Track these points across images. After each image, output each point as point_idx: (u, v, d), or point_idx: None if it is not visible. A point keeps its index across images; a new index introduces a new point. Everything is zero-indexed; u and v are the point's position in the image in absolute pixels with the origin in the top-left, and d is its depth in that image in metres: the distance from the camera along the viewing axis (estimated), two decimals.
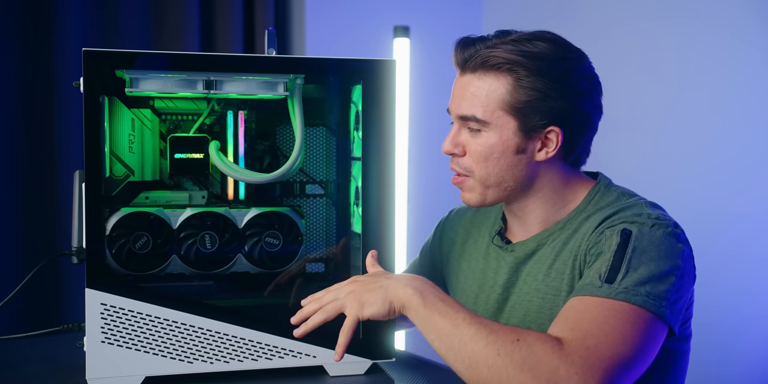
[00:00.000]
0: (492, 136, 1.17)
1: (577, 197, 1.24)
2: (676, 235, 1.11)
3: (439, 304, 1.03)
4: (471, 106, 1.17)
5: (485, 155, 1.18)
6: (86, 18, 2.24)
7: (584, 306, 1.03)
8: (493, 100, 1.16)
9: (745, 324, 1.92)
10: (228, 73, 1.20)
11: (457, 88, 1.21)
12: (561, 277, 1.19)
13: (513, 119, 1.16)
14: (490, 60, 1.15)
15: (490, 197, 1.22)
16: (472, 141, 1.19)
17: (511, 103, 1.15)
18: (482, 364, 0.97)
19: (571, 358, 0.95)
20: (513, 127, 1.17)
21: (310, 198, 1.39)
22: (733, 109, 1.96)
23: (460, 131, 1.21)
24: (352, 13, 2.58)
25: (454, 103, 1.21)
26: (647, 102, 2.17)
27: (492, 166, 1.19)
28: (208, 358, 1.16)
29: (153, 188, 1.30)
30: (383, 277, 1.10)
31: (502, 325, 1.00)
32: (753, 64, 1.91)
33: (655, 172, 2.13)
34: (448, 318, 1.01)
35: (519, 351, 0.96)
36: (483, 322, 1.00)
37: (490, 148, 1.18)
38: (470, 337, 0.98)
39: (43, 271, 1.38)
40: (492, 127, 1.17)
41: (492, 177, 1.19)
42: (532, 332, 0.99)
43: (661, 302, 1.03)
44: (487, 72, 1.16)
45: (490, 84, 1.16)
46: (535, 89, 1.14)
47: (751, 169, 1.92)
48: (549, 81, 1.14)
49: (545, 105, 1.15)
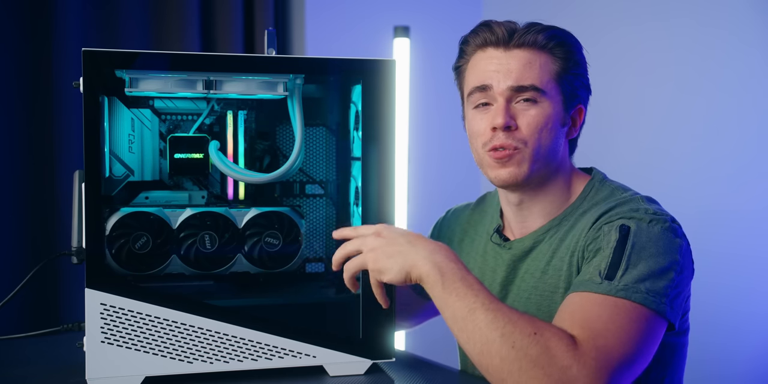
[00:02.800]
0: (547, 107, 1.19)
1: (574, 192, 1.25)
2: (674, 229, 1.11)
3: (457, 284, 1.01)
4: (528, 76, 1.18)
5: (542, 125, 1.19)
6: (86, 18, 2.24)
7: (588, 303, 1.03)
8: (545, 71, 1.19)
9: (745, 322, 1.92)
10: (228, 73, 1.20)
11: (500, 63, 1.20)
12: (558, 274, 1.19)
13: (560, 91, 1.21)
14: (538, 38, 1.19)
15: (535, 172, 1.21)
16: (525, 112, 1.19)
17: (561, 74, 1.20)
18: (495, 354, 0.96)
19: (584, 359, 0.95)
20: (560, 100, 1.21)
21: (310, 198, 1.39)
22: (733, 108, 1.96)
23: (508, 105, 1.19)
24: (352, 13, 2.58)
25: (505, 76, 1.19)
26: (647, 101, 2.17)
27: (545, 137, 1.19)
28: (208, 358, 1.15)
29: (153, 188, 1.30)
30: (406, 239, 1.06)
31: (520, 315, 0.98)
32: (752, 63, 1.91)
33: (655, 170, 2.13)
34: (465, 301, 0.99)
35: (535, 346, 0.95)
36: (501, 310, 0.98)
37: (547, 117, 1.19)
38: (486, 325, 0.97)
39: (43, 271, 1.38)
40: (547, 97, 1.19)
41: (543, 149, 1.20)
42: (549, 327, 0.98)
43: (661, 299, 1.03)
44: (536, 48, 1.20)
45: (539, 58, 1.20)
46: (575, 62, 1.22)
47: (751, 167, 1.92)
48: (581, 59, 1.23)
49: (579, 80, 1.23)
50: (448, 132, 2.68)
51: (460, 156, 2.65)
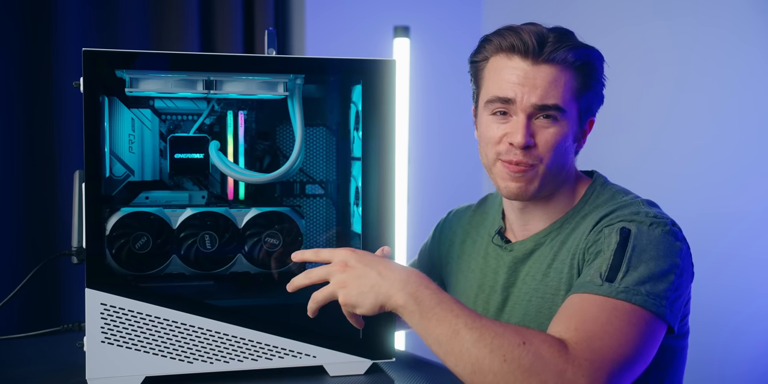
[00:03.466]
0: (565, 125, 1.19)
1: (576, 195, 1.25)
2: (674, 233, 1.11)
3: (436, 309, 0.98)
4: (555, 95, 1.17)
5: (559, 144, 1.19)
6: (86, 18, 2.24)
7: (586, 304, 1.02)
8: (568, 89, 1.18)
9: (745, 323, 1.92)
10: (228, 73, 1.20)
11: (527, 76, 1.17)
12: (560, 276, 1.19)
13: (577, 108, 1.20)
14: (568, 57, 1.17)
15: (545, 188, 1.21)
16: (545, 130, 1.18)
17: (580, 91, 1.19)
18: (487, 370, 0.94)
19: (577, 361, 0.94)
20: (576, 116, 1.20)
21: (310, 198, 1.39)
22: (733, 108, 1.96)
23: (528, 122, 1.17)
24: (352, 13, 2.58)
25: (531, 92, 1.16)
26: (647, 101, 2.17)
27: (559, 154, 1.19)
28: (208, 358, 1.15)
29: (153, 188, 1.30)
30: (376, 270, 1.02)
31: (505, 327, 0.97)
32: (753, 63, 1.91)
33: (656, 171, 2.13)
34: (447, 324, 0.97)
35: (526, 355, 0.94)
36: (485, 326, 0.96)
37: (564, 136, 1.19)
38: (473, 344, 0.95)
39: (43, 271, 1.38)
40: (567, 116, 1.18)
41: (555, 166, 1.20)
42: (537, 334, 0.97)
43: (660, 301, 1.03)
44: (564, 66, 1.17)
45: (566, 75, 1.17)
46: (596, 80, 1.21)
47: (751, 168, 1.92)
48: (601, 75, 1.22)
49: (595, 96, 1.22)
50: (448, 132, 2.69)
51: (461, 156, 2.66)
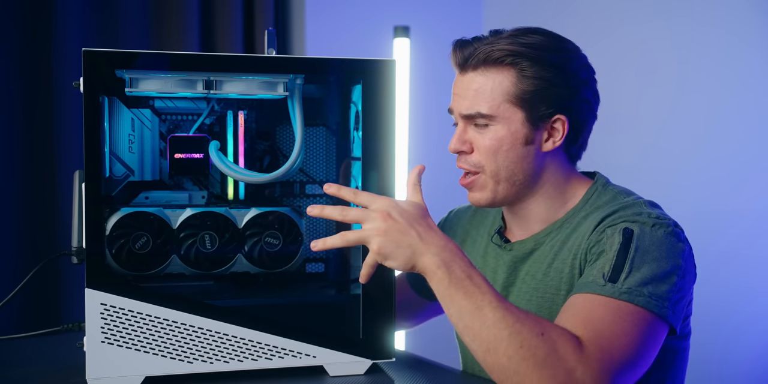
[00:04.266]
0: (500, 130, 1.19)
1: (575, 196, 1.25)
2: (677, 234, 1.11)
3: (465, 282, 1.00)
4: (475, 103, 1.19)
5: (495, 149, 1.19)
6: (86, 18, 2.24)
7: (591, 304, 1.03)
8: (498, 93, 1.18)
9: (746, 322, 1.92)
10: (228, 73, 1.20)
11: (459, 87, 1.22)
12: (560, 276, 1.19)
13: (520, 110, 1.18)
14: (492, 54, 1.17)
15: (500, 194, 1.22)
16: (479, 136, 1.20)
17: (516, 94, 1.17)
18: (502, 353, 0.96)
19: (589, 361, 0.95)
20: (520, 119, 1.18)
21: (310, 198, 1.39)
22: (733, 107, 1.96)
23: (465, 129, 1.22)
24: (352, 13, 2.58)
25: (457, 102, 1.22)
26: (647, 101, 2.17)
27: (502, 159, 1.19)
28: (208, 358, 1.16)
29: (153, 188, 1.30)
30: (416, 230, 1.03)
31: (527, 314, 0.99)
32: (752, 63, 1.92)
33: (655, 170, 2.13)
34: (472, 299, 0.99)
35: (543, 346, 0.95)
36: (509, 309, 0.98)
37: (499, 141, 1.19)
38: (494, 323, 0.97)
39: (43, 271, 1.38)
40: (499, 120, 1.18)
41: (503, 171, 1.20)
42: (555, 327, 0.98)
43: (663, 303, 1.03)
44: (489, 67, 1.18)
45: (493, 79, 1.18)
46: (540, 78, 1.17)
47: (751, 167, 1.92)
48: (552, 69, 1.17)
49: (551, 93, 1.17)
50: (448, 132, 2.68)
51: None
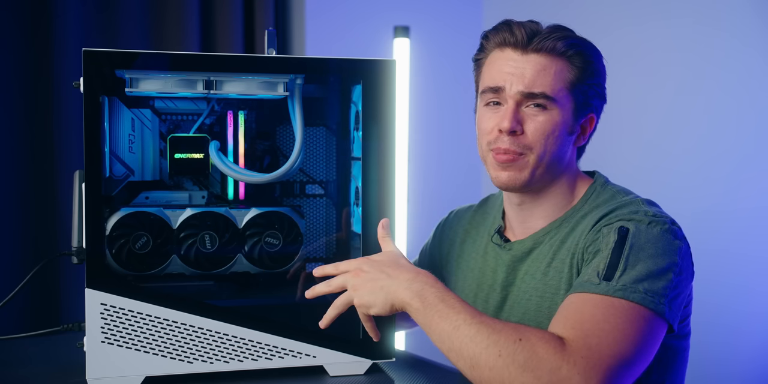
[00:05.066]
0: (556, 114, 1.20)
1: (576, 195, 1.26)
2: (673, 232, 1.11)
3: (439, 306, 1.02)
4: (542, 83, 1.19)
5: (549, 132, 1.19)
6: (86, 18, 2.24)
7: (583, 303, 1.03)
8: (559, 79, 1.19)
9: (745, 322, 1.92)
10: (228, 73, 1.20)
11: (513, 66, 1.20)
12: (559, 275, 1.19)
13: (572, 100, 1.21)
14: (557, 45, 1.19)
15: (536, 178, 1.21)
16: (534, 118, 1.19)
17: (573, 83, 1.20)
18: (484, 365, 0.96)
19: (573, 358, 0.94)
20: (571, 108, 1.21)
21: (310, 198, 1.39)
22: (732, 108, 1.96)
23: (518, 108, 1.20)
24: (352, 13, 2.58)
25: (518, 80, 1.19)
26: (646, 101, 2.17)
27: (551, 144, 1.20)
28: (208, 358, 1.16)
29: (153, 188, 1.30)
30: (385, 272, 1.08)
31: (505, 324, 0.99)
32: (751, 64, 1.92)
33: (655, 170, 2.13)
34: (448, 320, 1.00)
35: (521, 351, 0.95)
36: (484, 322, 0.99)
37: (555, 125, 1.19)
38: (471, 339, 0.98)
39: (43, 271, 1.38)
40: (557, 105, 1.19)
41: (548, 155, 1.20)
42: (535, 331, 0.98)
43: (659, 299, 1.03)
44: (552, 54, 1.20)
45: (555, 64, 1.20)
46: (590, 72, 1.21)
47: (750, 166, 1.92)
48: (598, 69, 1.23)
49: (594, 89, 1.23)
50: (448, 132, 2.69)
51: (461, 156, 2.66)
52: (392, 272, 1.08)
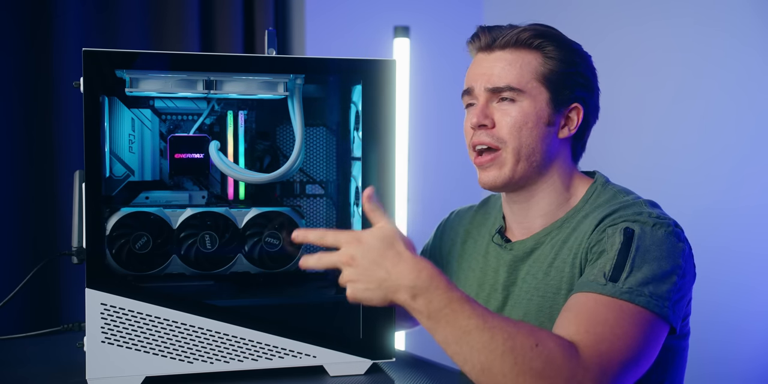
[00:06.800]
0: (527, 105, 1.20)
1: (577, 194, 1.26)
2: (677, 234, 1.12)
3: (445, 311, 0.96)
4: (505, 76, 1.20)
5: (521, 124, 1.20)
6: (86, 18, 2.24)
7: (593, 304, 1.03)
8: (527, 71, 1.20)
9: (745, 321, 1.92)
10: (228, 73, 1.20)
11: (483, 65, 1.23)
12: (561, 275, 1.19)
13: (546, 90, 1.21)
14: (521, 36, 1.21)
15: (518, 173, 1.21)
16: (504, 111, 1.21)
17: (544, 74, 1.21)
18: (498, 371, 0.94)
19: (587, 365, 0.95)
20: (545, 98, 1.21)
21: (310, 198, 1.39)
22: (731, 107, 1.96)
23: (488, 104, 1.22)
24: (352, 13, 2.58)
25: (480, 78, 1.22)
26: (646, 101, 2.17)
27: (526, 135, 1.20)
28: (208, 358, 1.16)
29: (153, 188, 1.30)
30: (384, 267, 0.97)
31: (518, 327, 0.96)
32: (751, 63, 1.92)
33: (655, 169, 2.13)
34: (456, 325, 0.95)
35: (538, 359, 0.93)
36: (497, 326, 0.95)
37: (525, 116, 1.20)
38: (484, 346, 0.94)
39: (43, 271, 1.38)
40: (527, 96, 1.20)
41: (524, 148, 1.20)
42: (549, 336, 0.96)
43: (663, 303, 1.03)
44: (518, 48, 1.21)
45: (522, 57, 1.21)
46: (564, 61, 1.21)
47: (749, 165, 1.92)
48: (574, 54, 1.23)
49: (572, 78, 1.22)
50: (448, 132, 2.69)
51: (461, 156, 2.65)
52: (392, 267, 0.98)
